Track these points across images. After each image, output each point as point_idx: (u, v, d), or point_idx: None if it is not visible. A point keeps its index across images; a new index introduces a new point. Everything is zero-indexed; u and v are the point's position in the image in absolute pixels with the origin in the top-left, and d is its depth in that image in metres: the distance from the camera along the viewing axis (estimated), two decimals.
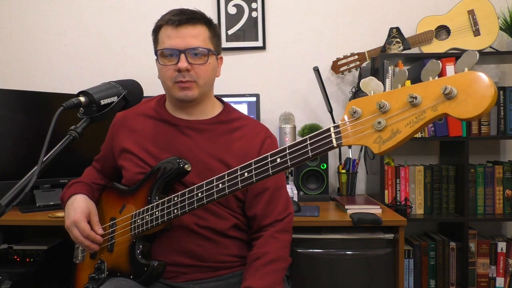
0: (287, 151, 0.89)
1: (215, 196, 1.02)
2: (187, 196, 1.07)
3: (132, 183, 1.25)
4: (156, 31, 1.23)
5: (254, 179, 0.94)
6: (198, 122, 1.27)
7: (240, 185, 0.98)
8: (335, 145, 0.82)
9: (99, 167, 1.42)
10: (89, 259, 1.30)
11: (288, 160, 0.89)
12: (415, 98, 0.70)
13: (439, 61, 0.73)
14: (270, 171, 0.92)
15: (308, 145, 0.86)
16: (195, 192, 1.06)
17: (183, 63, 1.16)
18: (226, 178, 1.00)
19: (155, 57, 1.23)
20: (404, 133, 0.72)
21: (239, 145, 1.25)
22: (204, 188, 1.04)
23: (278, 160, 0.90)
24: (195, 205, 1.06)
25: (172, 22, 1.17)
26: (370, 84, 0.79)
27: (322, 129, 0.85)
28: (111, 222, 1.25)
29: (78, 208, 1.24)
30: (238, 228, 1.24)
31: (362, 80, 0.80)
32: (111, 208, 1.29)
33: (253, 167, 0.95)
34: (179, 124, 1.26)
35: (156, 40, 1.24)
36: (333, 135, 0.82)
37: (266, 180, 0.97)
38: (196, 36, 1.18)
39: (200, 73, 1.20)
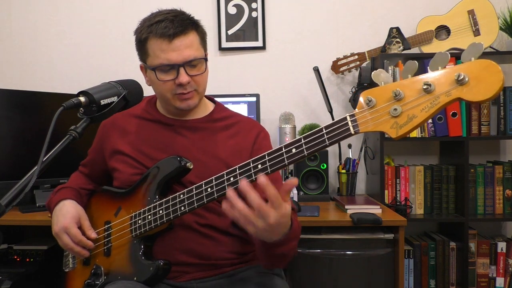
0: (303, 141, 0.90)
1: (227, 190, 1.00)
2: (194, 192, 1.05)
3: (127, 185, 1.23)
4: (143, 42, 1.17)
5: (269, 170, 0.93)
6: (192, 122, 1.27)
7: (254, 177, 0.96)
8: (352, 132, 0.85)
9: (86, 171, 1.40)
10: (82, 266, 1.27)
11: (305, 150, 0.90)
12: (430, 85, 0.77)
13: (447, 52, 0.79)
14: (286, 161, 0.92)
15: (325, 134, 0.88)
16: (203, 188, 1.04)
17: (184, 78, 1.14)
18: (238, 172, 0.99)
19: (141, 64, 1.23)
20: (421, 117, 0.78)
21: (234, 142, 1.25)
22: (214, 183, 1.02)
23: (294, 150, 0.91)
24: (205, 200, 1.04)
25: (165, 36, 1.12)
26: (381, 75, 0.85)
27: (338, 119, 0.88)
28: (106, 226, 1.23)
29: (68, 214, 1.21)
30: (238, 226, 1.23)
31: (373, 72, 0.86)
32: (104, 212, 1.26)
33: (266, 159, 0.94)
34: (173, 124, 1.26)
35: (144, 52, 1.19)
36: (349, 123, 0.86)
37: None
38: (190, 46, 1.15)
39: (199, 81, 1.19)
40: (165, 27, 1.13)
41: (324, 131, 0.88)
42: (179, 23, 1.14)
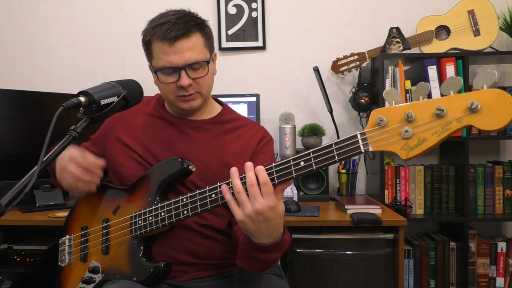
0: (311, 156, 0.90)
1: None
2: (198, 197, 1.04)
3: (130, 180, 1.23)
4: (148, 44, 1.19)
5: (276, 181, 0.93)
6: (198, 122, 1.27)
7: None
8: (362, 150, 0.86)
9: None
10: (79, 262, 1.26)
11: (313, 164, 0.90)
12: (442, 110, 0.78)
13: (460, 78, 0.79)
14: (294, 174, 0.92)
15: (334, 150, 0.88)
16: (207, 194, 1.03)
17: (185, 81, 1.15)
18: (244, 180, 0.96)
19: (149, 64, 1.23)
20: (431, 141, 0.80)
21: (237, 144, 1.25)
22: (219, 190, 1.01)
23: (302, 163, 0.91)
24: (209, 206, 1.03)
25: (166, 39, 1.13)
26: (392, 94, 0.86)
27: (347, 136, 0.88)
28: (104, 224, 1.23)
29: (71, 148, 1.13)
30: (232, 225, 1.24)
31: (385, 91, 0.87)
32: (102, 210, 1.26)
33: (274, 170, 0.94)
34: (178, 123, 1.26)
35: (149, 53, 1.20)
36: (360, 141, 0.86)
37: None
38: (192, 48, 1.15)
39: (202, 83, 1.20)
40: (166, 30, 1.13)
41: (334, 147, 0.89)
42: (181, 25, 1.14)
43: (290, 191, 2.00)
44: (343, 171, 2.15)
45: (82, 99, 0.98)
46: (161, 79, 1.18)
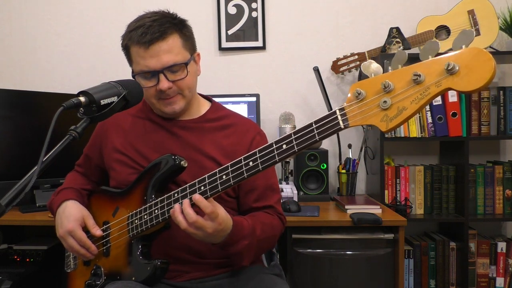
0: (293, 137, 0.90)
1: (220, 188, 1.01)
2: (188, 191, 1.06)
3: (124, 185, 1.24)
4: (126, 49, 1.19)
5: (260, 167, 0.94)
6: (185, 122, 1.27)
7: (245, 174, 0.97)
8: (342, 126, 0.84)
9: (83, 171, 1.40)
10: (83, 266, 1.27)
11: (295, 145, 0.90)
12: (419, 75, 0.75)
13: (437, 41, 0.76)
14: (277, 158, 0.92)
15: (315, 129, 0.87)
16: (197, 186, 1.04)
17: (164, 84, 1.15)
18: (230, 169, 1.00)
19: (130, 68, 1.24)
20: (411, 109, 0.76)
21: (228, 142, 1.25)
22: (207, 181, 1.03)
23: (284, 146, 0.91)
24: None
25: (141, 43, 1.13)
26: (371, 67, 0.82)
27: (327, 113, 0.86)
28: (105, 226, 1.23)
29: (71, 216, 1.20)
30: None
31: (362, 64, 0.83)
32: (102, 213, 1.26)
33: (258, 155, 0.95)
34: (166, 124, 1.27)
35: (129, 58, 1.21)
36: (339, 117, 0.84)
37: (256, 178, 1.03)
38: (169, 51, 1.15)
39: (182, 85, 1.19)
40: (142, 34, 1.13)
41: (314, 126, 0.88)
42: (156, 28, 1.14)
43: (290, 191, 2.00)
44: (343, 171, 2.15)
45: (82, 99, 0.97)
46: (141, 83, 1.17)
